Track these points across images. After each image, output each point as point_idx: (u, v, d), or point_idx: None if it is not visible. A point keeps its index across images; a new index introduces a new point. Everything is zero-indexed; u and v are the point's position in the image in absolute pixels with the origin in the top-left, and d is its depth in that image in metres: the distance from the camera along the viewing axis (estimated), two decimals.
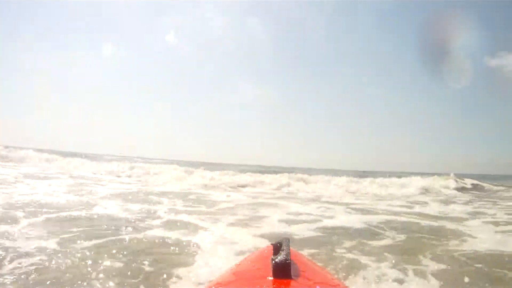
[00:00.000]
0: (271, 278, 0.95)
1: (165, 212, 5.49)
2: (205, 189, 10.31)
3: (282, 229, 4.72)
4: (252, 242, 3.81)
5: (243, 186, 11.69)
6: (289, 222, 5.21)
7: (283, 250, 1.02)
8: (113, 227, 4.16)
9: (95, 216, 4.79)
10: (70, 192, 7.11)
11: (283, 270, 0.95)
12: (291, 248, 1.06)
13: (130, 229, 4.16)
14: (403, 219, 6.03)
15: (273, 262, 0.97)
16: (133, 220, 4.70)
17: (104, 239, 3.59)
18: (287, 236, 1.13)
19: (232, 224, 4.92)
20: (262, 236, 4.17)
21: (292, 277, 0.95)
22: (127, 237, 3.74)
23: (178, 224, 4.67)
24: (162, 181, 11.67)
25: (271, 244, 1.13)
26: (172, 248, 3.51)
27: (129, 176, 13.08)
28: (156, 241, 3.71)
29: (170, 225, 4.59)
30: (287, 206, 7.24)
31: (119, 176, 12.91)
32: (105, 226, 4.20)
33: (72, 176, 11.18)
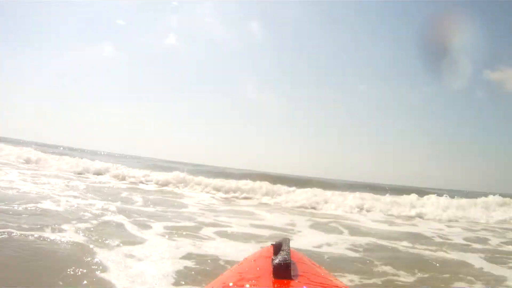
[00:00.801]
0: (271, 278, 0.96)
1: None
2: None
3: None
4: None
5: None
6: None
7: (283, 250, 1.03)
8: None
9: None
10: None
11: (283, 270, 0.95)
12: (291, 248, 1.08)
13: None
14: None
15: (273, 262, 0.98)
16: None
17: None
18: (287, 237, 1.14)
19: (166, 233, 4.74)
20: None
21: (292, 277, 0.95)
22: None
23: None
24: None
25: (272, 244, 1.13)
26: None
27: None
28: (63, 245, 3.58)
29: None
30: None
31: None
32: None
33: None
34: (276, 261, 0.97)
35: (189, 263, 3.59)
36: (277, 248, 1.08)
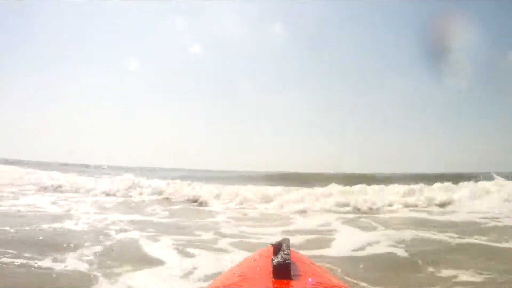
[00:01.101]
0: (271, 278, 0.95)
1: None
2: None
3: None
4: None
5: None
6: None
7: (283, 250, 1.03)
8: None
9: None
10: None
11: (283, 271, 0.95)
12: (291, 248, 1.07)
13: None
14: None
15: (273, 262, 0.98)
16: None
17: None
18: (287, 237, 1.13)
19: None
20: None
21: (292, 277, 0.95)
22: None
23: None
24: None
25: (271, 244, 1.13)
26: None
27: None
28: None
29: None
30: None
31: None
32: None
33: None
34: (276, 261, 0.97)
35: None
36: (277, 248, 1.08)
